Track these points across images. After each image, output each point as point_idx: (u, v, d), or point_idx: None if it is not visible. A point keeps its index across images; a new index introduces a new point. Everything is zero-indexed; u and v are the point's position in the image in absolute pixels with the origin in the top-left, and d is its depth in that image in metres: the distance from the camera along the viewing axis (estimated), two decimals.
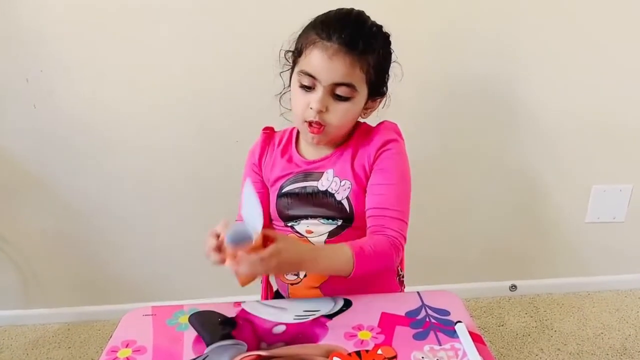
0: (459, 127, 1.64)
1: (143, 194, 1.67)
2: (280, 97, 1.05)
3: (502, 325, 1.70)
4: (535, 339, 1.63)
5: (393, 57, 1.00)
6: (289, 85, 1.00)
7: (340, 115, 0.93)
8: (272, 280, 1.18)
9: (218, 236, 0.82)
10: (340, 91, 0.91)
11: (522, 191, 1.75)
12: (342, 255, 0.89)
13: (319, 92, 0.91)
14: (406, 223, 0.96)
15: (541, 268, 1.86)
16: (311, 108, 0.92)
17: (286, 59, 0.99)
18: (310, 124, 0.94)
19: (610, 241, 1.82)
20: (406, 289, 1.16)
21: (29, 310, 1.82)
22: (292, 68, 0.98)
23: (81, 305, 1.82)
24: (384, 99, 1.02)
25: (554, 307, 1.78)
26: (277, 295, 1.17)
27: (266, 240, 0.81)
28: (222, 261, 0.80)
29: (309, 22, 0.95)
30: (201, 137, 1.60)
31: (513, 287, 1.85)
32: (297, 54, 0.95)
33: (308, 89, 0.93)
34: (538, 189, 1.74)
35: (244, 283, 0.86)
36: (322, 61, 0.89)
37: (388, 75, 1.00)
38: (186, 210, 1.70)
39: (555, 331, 1.67)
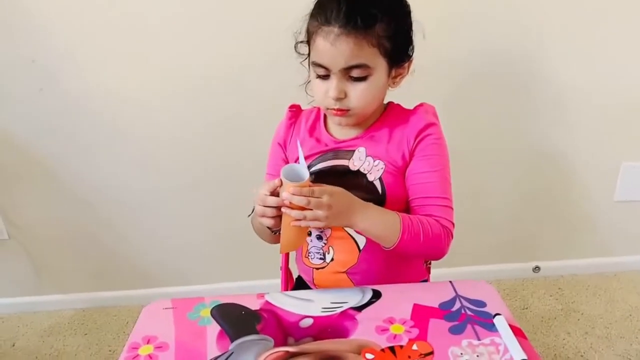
0: (483, 105, 1.57)
1: (153, 179, 1.63)
2: (306, 86, 1.00)
3: (526, 309, 1.66)
4: (562, 322, 1.59)
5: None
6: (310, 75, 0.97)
7: (361, 97, 0.89)
8: (293, 267, 1.14)
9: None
10: (355, 73, 0.87)
11: (548, 169, 1.68)
12: (391, 219, 0.87)
13: (333, 80, 0.88)
14: (452, 209, 0.93)
15: (565, 248, 1.81)
16: (329, 97, 0.89)
17: (296, 51, 0.95)
18: (333, 110, 0.91)
19: (638, 220, 1.75)
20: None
21: (42, 296, 1.80)
22: (309, 56, 0.93)
23: (95, 290, 1.79)
24: (412, 62, 0.95)
25: (579, 288, 1.73)
26: (299, 282, 1.13)
27: None
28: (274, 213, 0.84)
29: (312, 6, 0.89)
30: (210, 122, 1.55)
31: (536, 269, 1.80)
32: (307, 43, 0.91)
33: (324, 77, 0.89)
34: (564, 167, 1.68)
35: (287, 244, 0.86)
36: (326, 49, 0.85)
37: (410, 34, 0.93)
38: (196, 196, 1.65)
39: (581, 314, 1.62)
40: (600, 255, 1.81)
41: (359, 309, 0.84)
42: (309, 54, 0.92)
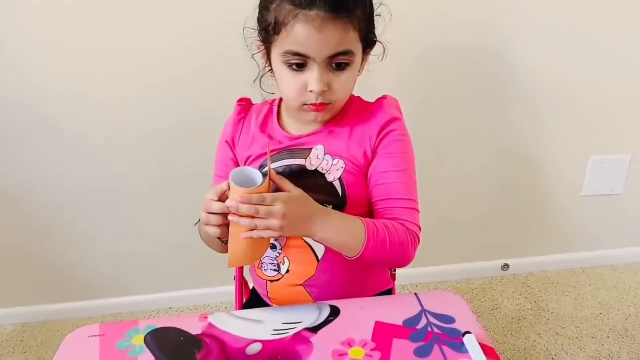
0: (447, 99, 1.49)
1: (94, 184, 1.48)
2: (260, 81, 0.90)
3: (496, 309, 1.60)
4: (532, 323, 1.53)
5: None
6: (265, 68, 0.87)
7: (344, 88, 0.82)
8: (247, 275, 1.04)
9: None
10: (339, 60, 0.78)
11: (514, 164, 1.62)
12: (355, 227, 0.78)
13: (314, 71, 0.78)
14: (419, 212, 0.85)
15: (534, 245, 1.76)
16: (311, 91, 0.79)
17: (261, 38, 0.83)
18: (312, 105, 0.81)
19: (606, 215, 1.72)
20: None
21: None
22: (267, 47, 0.82)
23: (36, 304, 1.64)
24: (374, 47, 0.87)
25: (548, 286, 1.68)
26: (254, 294, 1.03)
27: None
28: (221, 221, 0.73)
29: None
30: (158, 124, 1.42)
31: (505, 267, 1.75)
32: (273, 31, 0.78)
33: (299, 67, 0.78)
34: (531, 162, 1.62)
35: (236, 258, 0.74)
36: (310, 36, 0.75)
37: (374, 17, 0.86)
38: (145, 200, 1.52)
39: (552, 313, 1.57)
40: (568, 251, 1.77)
41: (315, 329, 0.75)
42: (267, 45, 0.82)
